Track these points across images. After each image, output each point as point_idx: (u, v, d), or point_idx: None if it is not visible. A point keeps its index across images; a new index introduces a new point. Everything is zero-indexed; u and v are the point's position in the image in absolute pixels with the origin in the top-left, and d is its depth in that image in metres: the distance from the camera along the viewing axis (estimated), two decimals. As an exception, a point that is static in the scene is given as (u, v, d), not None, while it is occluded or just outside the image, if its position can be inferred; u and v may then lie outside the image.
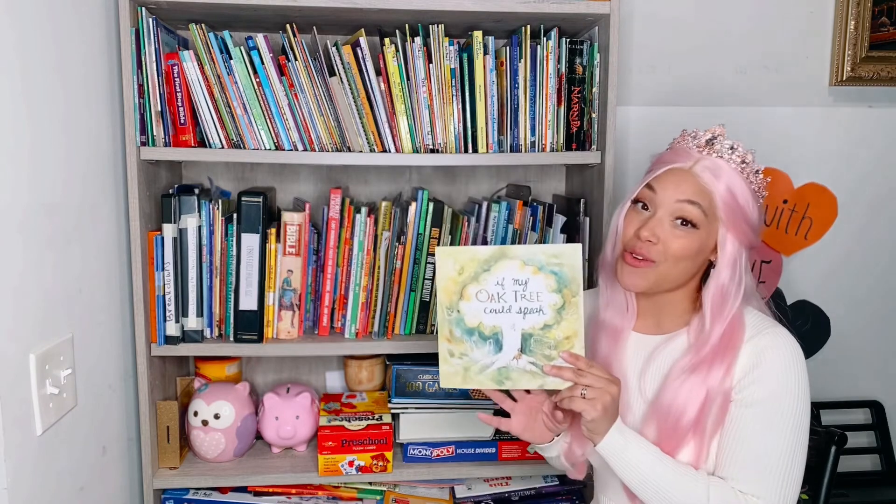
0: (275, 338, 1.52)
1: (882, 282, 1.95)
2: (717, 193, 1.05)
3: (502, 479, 1.64)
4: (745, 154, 1.09)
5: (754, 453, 1.02)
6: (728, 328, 1.06)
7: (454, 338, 1.09)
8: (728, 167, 1.06)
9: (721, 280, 1.07)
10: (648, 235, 1.05)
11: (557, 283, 1.06)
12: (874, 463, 1.96)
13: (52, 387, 1.08)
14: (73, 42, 1.21)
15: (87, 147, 1.26)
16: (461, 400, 1.58)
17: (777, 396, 1.03)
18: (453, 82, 1.45)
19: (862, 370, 1.97)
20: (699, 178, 1.06)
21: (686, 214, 1.05)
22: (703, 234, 1.06)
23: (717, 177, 1.05)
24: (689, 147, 1.10)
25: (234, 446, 1.53)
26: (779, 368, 1.04)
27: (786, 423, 1.02)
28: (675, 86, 1.83)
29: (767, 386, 1.03)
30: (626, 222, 1.10)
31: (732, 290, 1.07)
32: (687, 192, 1.06)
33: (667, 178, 1.07)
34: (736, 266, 1.07)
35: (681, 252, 1.05)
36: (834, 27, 1.85)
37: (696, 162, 1.07)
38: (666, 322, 1.14)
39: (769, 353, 1.04)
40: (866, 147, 1.90)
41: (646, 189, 1.09)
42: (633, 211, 1.10)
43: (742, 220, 1.06)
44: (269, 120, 1.43)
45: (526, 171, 1.78)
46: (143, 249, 1.41)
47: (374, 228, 1.51)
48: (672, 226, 1.06)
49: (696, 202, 1.05)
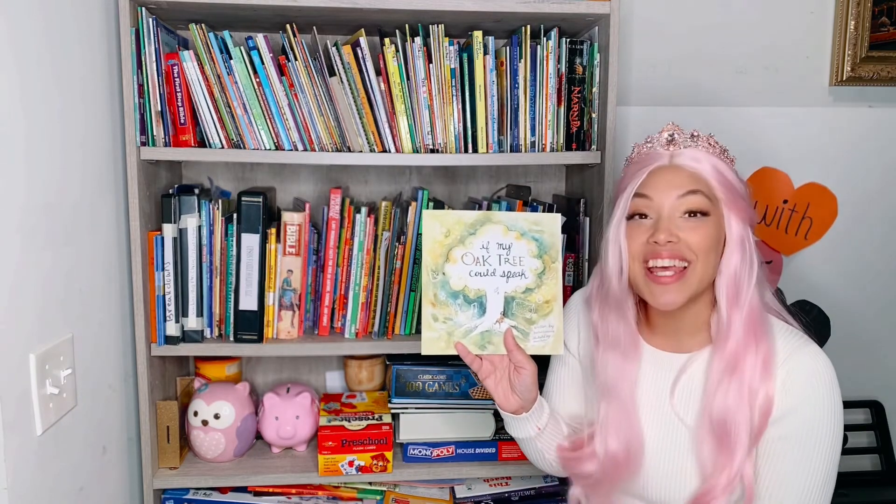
0: (275, 338, 1.52)
1: (882, 282, 1.95)
2: (707, 175, 1.02)
3: (502, 479, 1.64)
4: (708, 137, 1.07)
5: (795, 492, 1.00)
6: (748, 316, 1.02)
7: (438, 301, 1.10)
8: (701, 151, 1.04)
9: (732, 265, 1.02)
10: (667, 236, 1.00)
11: (538, 249, 1.10)
12: (874, 463, 1.96)
13: (52, 387, 1.08)
14: (72, 42, 1.21)
15: (86, 147, 1.26)
16: (461, 400, 1.58)
17: (814, 426, 1.00)
18: (453, 82, 1.45)
19: (862, 370, 1.97)
20: (685, 167, 1.03)
21: (693, 205, 1.01)
22: (714, 220, 1.02)
23: (698, 161, 1.03)
24: (653, 150, 1.07)
25: (234, 446, 1.53)
26: (814, 396, 1.00)
27: (824, 453, 1.00)
28: (675, 86, 1.83)
29: (804, 415, 1.00)
30: (629, 239, 1.04)
31: (745, 273, 1.03)
32: (683, 184, 1.02)
33: (654, 179, 1.03)
34: (745, 246, 1.03)
35: (705, 243, 1.01)
36: (834, 27, 1.86)
37: (672, 156, 1.05)
38: (686, 339, 1.10)
39: (804, 378, 1.01)
40: (866, 147, 1.90)
41: (638, 199, 1.04)
42: (631, 226, 1.05)
43: (738, 197, 1.04)
44: (269, 120, 1.43)
45: (526, 171, 1.78)
46: (143, 249, 1.41)
47: (374, 228, 1.51)
48: (684, 221, 1.01)
49: (696, 190, 1.02)
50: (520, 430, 1.15)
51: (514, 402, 1.12)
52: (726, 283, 1.03)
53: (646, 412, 1.10)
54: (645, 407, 1.11)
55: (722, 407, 1.01)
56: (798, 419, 1.00)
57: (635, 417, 1.09)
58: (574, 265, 1.55)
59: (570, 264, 1.55)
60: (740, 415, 1.00)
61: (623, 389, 1.09)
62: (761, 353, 1.02)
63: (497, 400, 1.12)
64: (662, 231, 1.01)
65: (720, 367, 1.03)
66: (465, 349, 1.10)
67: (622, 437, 1.08)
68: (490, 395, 1.12)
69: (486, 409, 1.59)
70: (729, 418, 1.01)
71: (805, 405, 1.00)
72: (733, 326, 1.02)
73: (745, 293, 1.03)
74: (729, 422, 1.01)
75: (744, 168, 1.86)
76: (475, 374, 1.12)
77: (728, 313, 1.03)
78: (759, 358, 1.01)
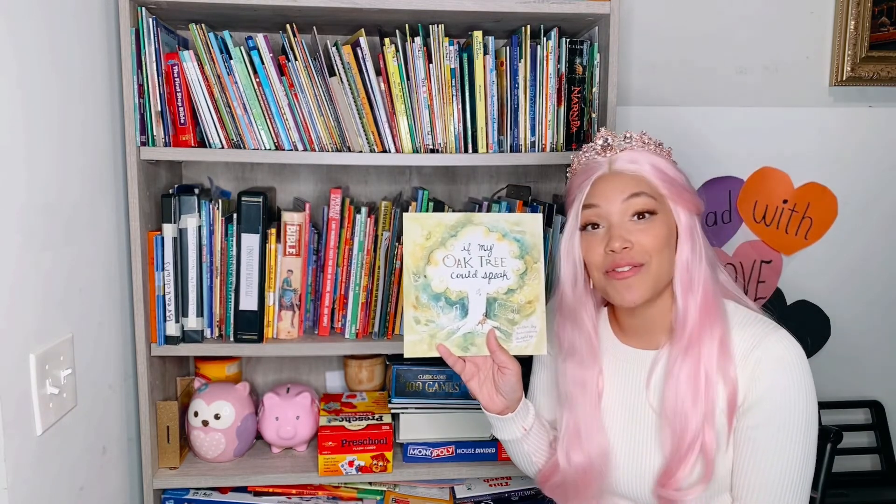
0: (275, 338, 1.52)
1: (882, 282, 1.95)
2: (647, 174, 1.05)
3: (502, 479, 1.64)
4: (640, 135, 1.09)
5: (772, 478, 1.01)
6: (702, 300, 1.04)
7: (420, 304, 1.10)
8: (637, 151, 1.06)
9: (684, 256, 1.05)
10: (621, 244, 1.02)
11: (520, 250, 1.10)
12: (874, 463, 1.96)
13: (52, 387, 1.08)
14: (72, 42, 1.21)
15: (86, 147, 1.26)
16: (461, 400, 1.58)
17: (787, 410, 1.01)
18: (453, 82, 1.45)
19: (862, 370, 1.97)
20: (624, 171, 1.05)
21: (639, 207, 1.04)
22: (662, 217, 1.05)
23: (636, 162, 1.05)
24: (591, 159, 1.09)
25: (234, 446, 1.53)
26: (784, 381, 1.01)
27: (798, 435, 1.01)
28: (675, 86, 1.83)
29: (775, 401, 1.01)
30: (587, 251, 1.07)
31: (695, 261, 1.05)
32: (626, 188, 1.04)
33: (598, 188, 1.06)
34: (693, 236, 1.06)
35: (657, 242, 1.03)
36: (834, 27, 1.86)
37: (611, 162, 1.07)
38: (656, 335, 1.11)
39: (772, 365, 1.02)
40: (866, 147, 1.90)
41: (587, 209, 1.06)
42: (585, 238, 1.07)
43: (682, 189, 1.06)
44: (269, 120, 1.43)
45: (526, 171, 1.78)
46: (143, 249, 1.41)
47: (374, 228, 1.51)
48: (633, 224, 1.04)
49: (639, 192, 1.04)
50: (505, 431, 1.16)
51: (498, 403, 1.13)
52: (679, 274, 1.06)
53: (618, 413, 1.12)
54: (617, 408, 1.12)
55: (673, 390, 1.04)
56: (770, 406, 1.01)
57: (597, 425, 1.10)
58: (574, 265, 1.54)
59: (570, 264, 1.55)
60: (689, 396, 1.02)
61: (583, 398, 1.10)
62: (716, 335, 1.04)
63: (482, 401, 1.13)
64: (616, 239, 1.03)
65: (675, 353, 1.05)
66: (447, 351, 1.10)
67: (583, 448, 1.09)
68: (474, 396, 1.13)
69: (486, 409, 1.59)
70: (679, 400, 1.03)
71: (775, 391, 1.01)
72: (689, 312, 1.04)
73: (698, 278, 1.05)
74: (680, 403, 1.03)
75: (744, 168, 1.87)
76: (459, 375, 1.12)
77: (683, 301, 1.05)
78: (715, 340, 1.03)
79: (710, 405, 1.03)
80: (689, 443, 1.02)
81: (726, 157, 1.86)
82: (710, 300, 1.05)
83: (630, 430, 1.10)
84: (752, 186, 1.88)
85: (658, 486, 1.06)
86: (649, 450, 1.08)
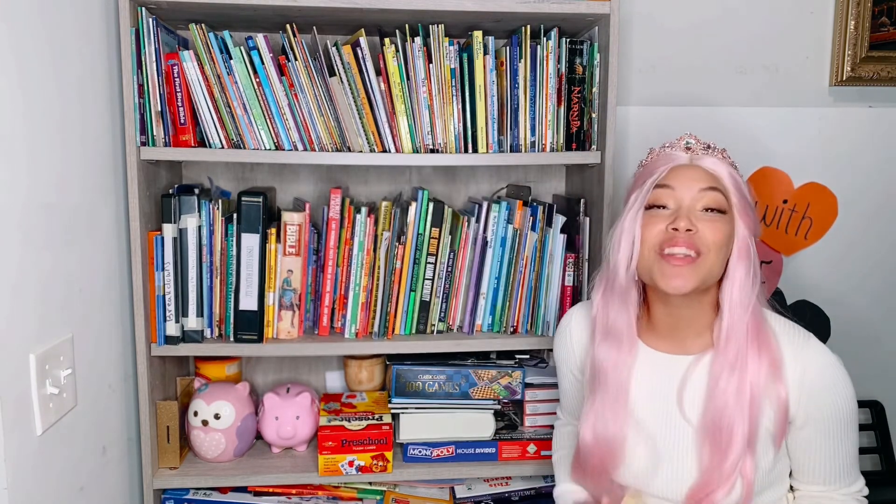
0: (275, 338, 1.52)
1: (882, 282, 1.95)
2: (725, 179, 1.06)
3: (502, 479, 1.64)
4: (722, 150, 1.11)
5: (839, 462, 1.10)
6: (750, 324, 1.05)
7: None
8: (718, 160, 1.08)
9: (739, 274, 1.05)
10: (687, 224, 1.02)
11: None
12: (874, 463, 1.96)
13: (52, 387, 1.08)
14: (72, 42, 1.21)
15: (86, 147, 1.26)
16: (461, 400, 1.58)
17: (837, 411, 1.06)
18: (453, 82, 1.45)
19: (862, 370, 1.95)
20: (706, 168, 1.07)
21: (713, 202, 1.04)
22: (729, 220, 1.05)
23: (717, 165, 1.07)
24: (673, 152, 1.10)
25: (234, 446, 1.53)
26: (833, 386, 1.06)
27: (850, 431, 1.09)
28: (675, 86, 1.83)
29: (826, 402, 1.06)
30: (645, 228, 1.06)
31: (750, 282, 1.06)
32: (705, 180, 1.05)
33: (677, 174, 1.06)
34: (750, 254, 1.06)
35: (720, 238, 1.03)
36: (834, 27, 1.85)
37: (692, 158, 1.08)
38: (689, 340, 1.11)
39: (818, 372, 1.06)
40: (866, 147, 1.90)
41: (660, 189, 1.06)
42: (648, 216, 1.06)
43: (748, 206, 1.07)
44: (269, 120, 1.43)
45: (526, 171, 1.78)
46: (143, 249, 1.41)
47: (374, 228, 1.51)
48: (703, 214, 1.04)
49: (716, 188, 1.05)
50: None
51: None
52: (731, 290, 1.06)
53: (644, 413, 1.12)
54: (643, 408, 1.12)
55: (718, 408, 1.04)
56: (823, 410, 1.06)
57: (623, 410, 1.11)
58: (574, 265, 1.55)
59: (570, 264, 1.55)
60: (737, 417, 1.03)
61: (615, 380, 1.11)
62: (765, 358, 1.05)
63: None
64: (683, 219, 1.03)
65: (719, 370, 1.05)
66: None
67: (602, 428, 1.10)
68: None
69: (486, 409, 1.59)
70: (725, 419, 1.03)
71: (826, 394, 1.06)
72: (735, 331, 1.05)
73: (749, 301, 1.06)
74: (724, 424, 1.03)
75: (744, 168, 1.85)
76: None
77: (731, 318, 1.05)
78: (764, 362, 1.05)
79: (754, 426, 1.04)
80: (731, 465, 1.03)
81: (726, 157, 1.86)
82: (759, 323, 1.06)
83: (665, 434, 1.10)
84: (751, 186, 1.87)
85: (693, 497, 1.07)
86: (685, 459, 1.08)
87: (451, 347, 1.53)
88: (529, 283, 1.55)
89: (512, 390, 1.59)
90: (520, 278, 1.55)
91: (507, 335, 1.56)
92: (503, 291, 1.55)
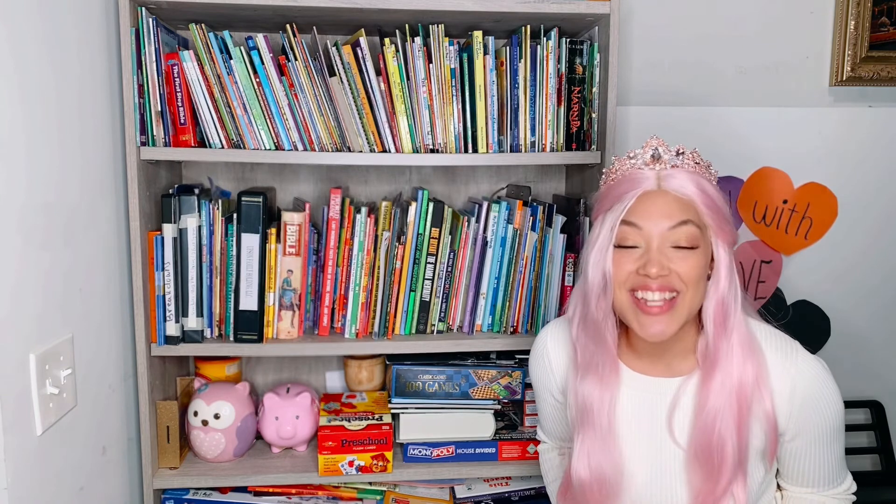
0: (275, 338, 1.52)
1: (882, 282, 1.95)
2: (697, 200, 0.99)
3: (502, 479, 1.64)
4: (692, 154, 1.03)
5: (828, 466, 1.08)
6: (735, 340, 1.02)
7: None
8: (688, 172, 1.00)
9: (721, 291, 1.01)
10: (658, 270, 0.96)
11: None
12: (874, 463, 1.96)
13: (52, 387, 1.08)
14: (72, 42, 1.21)
15: (86, 147, 1.26)
16: (461, 400, 1.58)
17: (827, 419, 1.04)
18: (453, 82, 1.45)
19: (862, 370, 1.97)
20: (674, 193, 0.99)
21: (684, 239, 0.98)
22: (703, 249, 1.00)
23: (685, 186, 0.99)
24: (637, 168, 1.02)
25: (234, 446, 1.53)
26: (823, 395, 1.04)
27: (838, 435, 1.07)
28: (675, 86, 1.83)
29: (817, 411, 1.04)
30: (616, 266, 1.00)
31: (732, 299, 1.01)
32: (674, 215, 0.98)
33: (643, 207, 0.99)
34: (731, 272, 1.02)
35: (695, 273, 0.98)
36: (834, 27, 1.86)
37: (659, 179, 1.00)
38: (676, 362, 1.07)
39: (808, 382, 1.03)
40: (866, 147, 1.90)
41: (627, 227, 0.99)
42: (618, 254, 1.00)
43: (724, 221, 1.01)
44: (269, 120, 1.43)
45: (526, 171, 1.78)
46: (143, 249, 1.41)
47: (374, 228, 1.51)
48: (674, 252, 0.98)
49: (686, 220, 0.98)
50: None
51: None
52: (713, 310, 1.01)
53: (632, 439, 1.08)
54: (630, 434, 1.08)
55: (707, 429, 1.01)
56: (814, 420, 1.04)
57: (613, 444, 1.07)
58: (574, 265, 1.55)
59: (570, 264, 1.55)
60: (726, 436, 1.00)
61: (599, 415, 1.07)
62: (751, 373, 1.01)
63: None
64: (654, 265, 0.97)
65: (706, 393, 1.02)
66: None
67: (596, 465, 1.06)
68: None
69: (486, 409, 1.59)
70: (714, 440, 1.00)
71: (816, 405, 1.03)
72: (721, 351, 1.01)
73: (732, 318, 1.02)
74: (714, 444, 1.01)
75: (744, 168, 1.88)
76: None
77: (715, 338, 1.02)
78: (750, 378, 1.01)
79: (744, 447, 1.02)
80: (722, 488, 1.01)
81: (726, 158, 1.85)
82: (743, 338, 1.02)
83: (653, 462, 1.07)
84: (752, 186, 1.88)
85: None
86: (675, 486, 1.06)
87: (451, 347, 1.53)
88: (529, 283, 1.55)
89: (512, 390, 1.59)
90: (520, 278, 1.55)
91: (507, 335, 1.56)
92: (503, 291, 1.55)
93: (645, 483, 1.07)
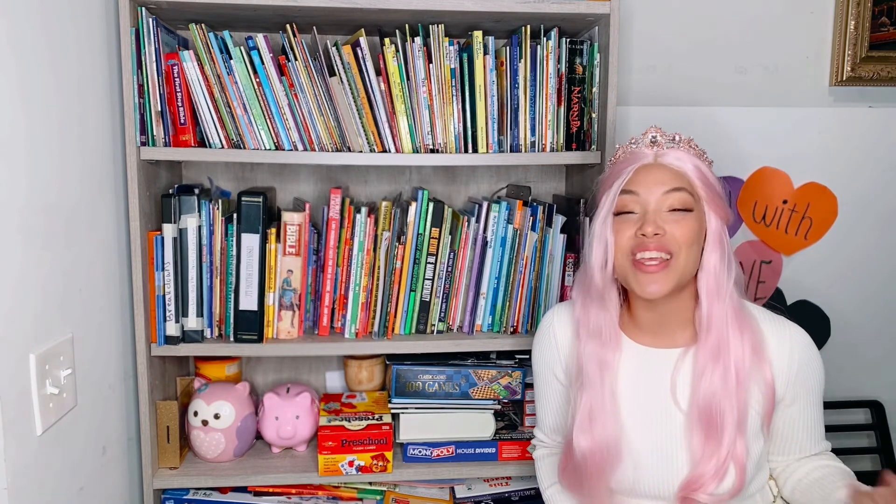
0: (275, 338, 1.52)
1: (882, 282, 1.95)
2: (691, 174, 1.07)
3: (502, 479, 1.64)
4: (689, 140, 1.12)
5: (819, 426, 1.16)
6: (729, 308, 1.08)
7: None
8: (683, 152, 1.09)
9: (713, 261, 1.08)
10: (654, 229, 1.04)
11: None
12: (874, 463, 1.96)
13: (52, 387, 1.08)
14: (72, 42, 1.21)
15: (86, 147, 1.26)
16: (461, 400, 1.58)
17: (817, 380, 1.14)
18: (453, 82, 1.45)
19: (862, 370, 1.97)
20: (669, 165, 1.08)
21: (678, 202, 1.06)
22: (696, 216, 1.07)
23: (682, 161, 1.08)
24: (638, 150, 1.11)
25: (234, 446, 1.53)
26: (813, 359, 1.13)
27: (821, 395, 1.16)
28: (675, 86, 1.83)
29: (809, 374, 1.12)
30: (616, 234, 1.09)
31: (724, 270, 1.08)
32: (668, 181, 1.06)
33: (640, 177, 1.08)
34: (723, 243, 1.09)
35: (689, 236, 1.05)
36: (834, 27, 1.86)
37: (656, 156, 1.09)
38: (676, 334, 1.13)
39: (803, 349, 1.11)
40: (866, 147, 1.90)
41: (625, 195, 1.08)
42: (618, 222, 1.09)
43: (716, 196, 1.09)
44: (269, 120, 1.43)
45: (526, 171, 1.78)
46: (143, 249, 1.41)
47: (374, 228, 1.51)
48: (669, 215, 1.06)
49: (680, 187, 1.06)
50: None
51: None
52: (706, 279, 1.08)
53: (633, 407, 1.12)
54: (631, 402, 1.12)
55: (706, 395, 1.06)
56: (809, 383, 1.12)
57: (612, 411, 1.11)
58: (574, 265, 1.55)
59: (570, 264, 1.55)
60: (725, 402, 1.05)
61: (601, 380, 1.11)
62: (748, 342, 1.08)
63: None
64: (649, 224, 1.04)
65: (704, 358, 1.08)
66: None
67: (596, 432, 1.10)
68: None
69: (486, 409, 1.59)
70: (714, 406, 1.06)
71: (810, 369, 1.12)
72: (714, 318, 1.08)
73: (725, 288, 1.08)
74: (714, 410, 1.06)
75: (744, 168, 1.87)
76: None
77: (709, 306, 1.08)
78: (747, 346, 1.08)
79: (743, 410, 1.06)
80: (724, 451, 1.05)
81: (726, 157, 1.85)
82: (737, 307, 1.09)
83: (654, 430, 1.11)
84: (751, 186, 1.88)
85: (686, 490, 1.07)
86: (676, 452, 1.09)
87: (450, 347, 1.53)
88: (529, 283, 1.55)
89: (512, 390, 1.59)
90: (520, 278, 1.55)
91: (507, 335, 1.56)
92: (503, 291, 1.55)
93: (646, 451, 1.10)
